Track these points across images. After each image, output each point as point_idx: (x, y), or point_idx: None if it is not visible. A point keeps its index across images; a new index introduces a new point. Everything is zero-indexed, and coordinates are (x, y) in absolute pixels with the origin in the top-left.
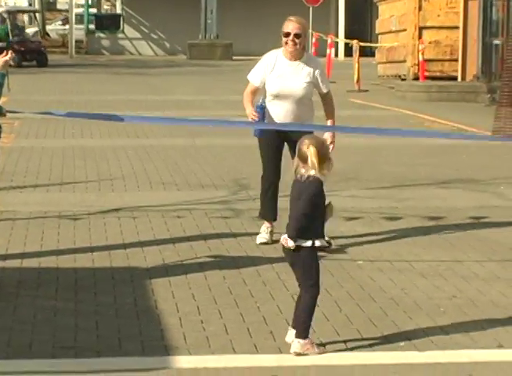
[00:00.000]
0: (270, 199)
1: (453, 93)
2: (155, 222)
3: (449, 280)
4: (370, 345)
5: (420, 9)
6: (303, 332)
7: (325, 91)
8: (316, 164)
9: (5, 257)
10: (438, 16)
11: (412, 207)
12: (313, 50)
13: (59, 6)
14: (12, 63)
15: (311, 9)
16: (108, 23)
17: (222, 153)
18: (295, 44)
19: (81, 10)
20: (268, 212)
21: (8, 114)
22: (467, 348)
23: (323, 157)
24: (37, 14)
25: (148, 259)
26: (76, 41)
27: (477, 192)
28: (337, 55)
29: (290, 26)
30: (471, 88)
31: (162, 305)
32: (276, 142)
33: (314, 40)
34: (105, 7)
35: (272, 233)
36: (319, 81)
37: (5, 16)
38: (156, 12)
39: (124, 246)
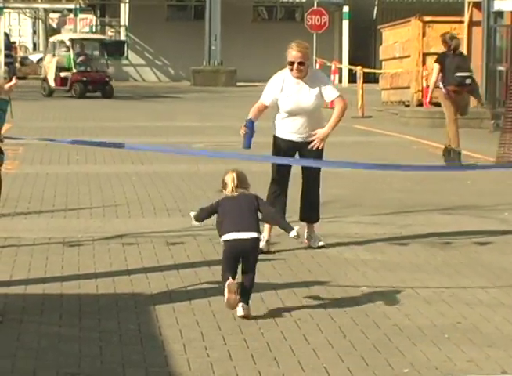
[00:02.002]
0: (274, 204)
1: (457, 119)
2: (159, 249)
3: (453, 306)
4: (374, 372)
5: (423, 35)
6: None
7: (328, 100)
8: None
9: (9, 283)
10: None
11: (415, 233)
12: None
13: (63, 33)
14: (73, 93)
15: (315, 35)
16: (112, 49)
17: None
18: (300, 70)
19: None
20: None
21: (10, 141)
22: (472, 374)
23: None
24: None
25: (152, 285)
26: None
27: (480, 218)
28: (340, 81)
29: (294, 55)
30: (475, 114)
31: (166, 332)
32: (288, 152)
33: (318, 66)
34: (109, 33)
35: (269, 242)
36: (324, 93)
37: (68, 44)
38: (160, 39)
39: (128, 272)
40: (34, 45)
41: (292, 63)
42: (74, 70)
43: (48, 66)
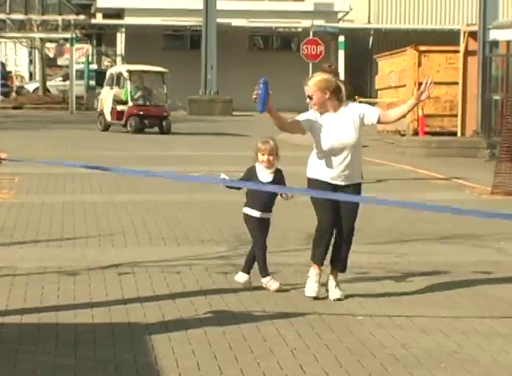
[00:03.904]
0: (323, 245)
1: (453, 149)
2: (155, 278)
3: (450, 336)
4: None
5: (419, 64)
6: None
7: (375, 120)
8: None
9: (4, 313)
10: (438, 71)
11: (411, 263)
12: None
13: (59, 62)
14: (129, 128)
15: (310, 64)
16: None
17: (222, 208)
18: (315, 104)
19: (81, 66)
20: (318, 255)
21: (6, 170)
22: None
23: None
24: (164, 75)
25: (148, 315)
26: (76, 97)
27: (477, 247)
28: None
29: (306, 90)
30: (471, 143)
31: (162, 361)
32: (329, 190)
33: None
34: (105, 63)
35: (319, 282)
36: (366, 115)
37: (126, 75)
38: None
39: (124, 302)
40: (31, 74)
41: (310, 98)
42: (131, 104)
43: (105, 99)
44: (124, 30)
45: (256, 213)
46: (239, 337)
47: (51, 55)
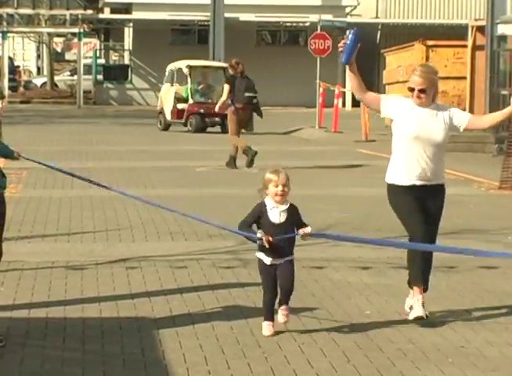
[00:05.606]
0: (421, 260)
1: (460, 143)
2: (162, 272)
3: (457, 331)
4: None
5: (427, 59)
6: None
7: (466, 122)
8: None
9: (12, 307)
10: (446, 66)
11: None
12: (320, 100)
13: (67, 57)
14: (189, 127)
15: (318, 59)
16: (116, 73)
17: (229, 202)
18: (419, 98)
19: (89, 61)
20: (420, 277)
21: (14, 165)
22: None
23: None
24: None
25: (155, 309)
26: (84, 92)
27: (484, 242)
28: (344, 105)
29: (415, 80)
30: (479, 138)
31: (169, 356)
32: (411, 202)
33: (321, 90)
34: (113, 58)
35: (423, 304)
36: (455, 116)
37: (186, 71)
38: (163, 63)
39: (132, 296)
40: (38, 69)
41: (412, 90)
42: (191, 101)
43: (165, 96)
44: (131, 24)
45: (267, 259)
46: (247, 331)
47: (59, 49)
